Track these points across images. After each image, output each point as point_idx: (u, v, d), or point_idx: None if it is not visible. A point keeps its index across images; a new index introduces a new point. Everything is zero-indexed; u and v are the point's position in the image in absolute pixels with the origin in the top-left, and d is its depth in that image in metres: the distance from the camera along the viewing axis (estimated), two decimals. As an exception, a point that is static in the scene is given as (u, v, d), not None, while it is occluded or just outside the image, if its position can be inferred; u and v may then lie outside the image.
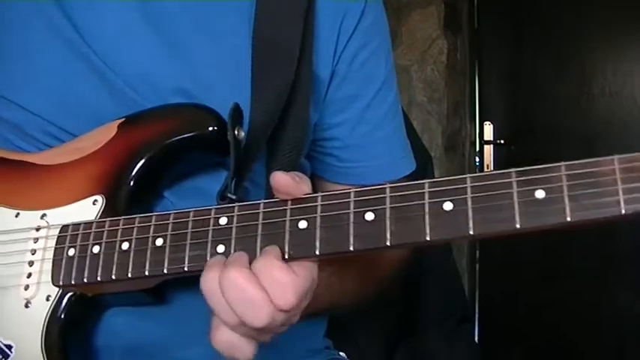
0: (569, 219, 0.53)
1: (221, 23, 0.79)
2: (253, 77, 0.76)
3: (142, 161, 0.71)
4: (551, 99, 2.99)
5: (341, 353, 1.02)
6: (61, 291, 0.68)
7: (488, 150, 3.12)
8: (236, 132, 0.71)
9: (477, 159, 3.14)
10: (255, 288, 0.57)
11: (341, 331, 1.03)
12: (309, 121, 0.80)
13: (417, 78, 2.81)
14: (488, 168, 3.12)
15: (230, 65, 0.77)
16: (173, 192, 0.77)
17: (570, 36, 2.93)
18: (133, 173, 0.71)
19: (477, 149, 3.14)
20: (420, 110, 2.81)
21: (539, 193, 0.54)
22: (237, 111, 0.71)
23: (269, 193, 0.72)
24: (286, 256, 0.60)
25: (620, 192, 0.52)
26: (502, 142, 3.10)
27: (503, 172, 0.55)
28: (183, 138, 0.72)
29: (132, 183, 0.71)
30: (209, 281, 0.59)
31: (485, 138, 3.11)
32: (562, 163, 0.54)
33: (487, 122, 3.11)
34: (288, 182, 0.60)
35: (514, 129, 3.09)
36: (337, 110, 0.84)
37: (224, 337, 0.60)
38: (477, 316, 2.95)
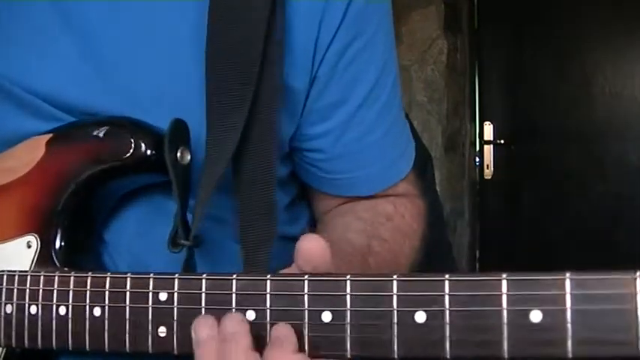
0: (570, 355, 0.43)
1: (164, 32, 0.66)
2: (207, 94, 0.64)
3: (73, 194, 0.63)
4: (551, 99, 2.99)
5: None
6: (5, 350, 0.63)
7: (488, 150, 3.12)
8: (179, 154, 0.61)
9: (477, 159, 3.14)
10: None
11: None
12: (278, 141, 0.68)
13: (417, 78, 2.81)
14: (488, 168, 3.12)
15: (177, 82, 0.66)
16: (121, 210, 0.68)
17: (570, 36, 2.93)
18: (66, 209, 0.63)
19: (477, 149, 3.14)
20: (420, 110, 2.81)
21: (535, 316, 0.43)
22: (178, 128, 0.61)
23: (243, 231, 0.64)
24: None
25: None
26: (502, 142, 3.09)
27: (492, 280, 0.45)
28: (113, 165, 0.62)
29: (66, 219, 0.63)
30: None
31: (485, 138, 3.11)
32: (567, 275, 0.43)
33: (487, 122, 3.11)
34: (318, 252, 0.51)
35: (514, 129, 3.09)
36: (318, 119, 0.73)
37: None
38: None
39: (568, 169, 2.97)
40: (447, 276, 0.46)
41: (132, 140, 0.61)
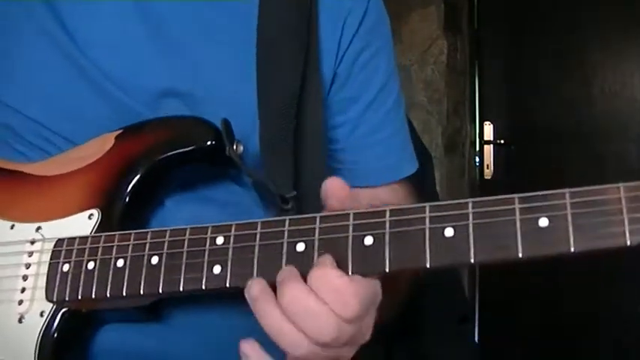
0: (572, 249, 0.52)
1: (222, 24, 0.77)
2: (259, 80, 0.75)
3: (138, 176, 0.70)
4: (551, 99, 2.99)
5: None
6: (54, 307, 0.67)
7: (488, 150, 3.12)
8: (234, 147, 0.70)
9: (477, 159, 3.14)
10: (316, 300, 0.54)
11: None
12: (323, 122, 0.79)
13: (417, 78, 2.82)
14: (488, 168, 3.12)
15: (234, 68, 0.76)
16: (174, 200, 0.75)
17: (570, 36, 2.93)
18: (129, 188, 0.70)
19: (477, 149, 3.14)
20: (420, 110, 2.81)
21: (543, 221, 0.53)
22: (228, 126, 0.70)
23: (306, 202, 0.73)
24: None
25: (626, 222, 0.51)
26: (502, 142, 3.09)
27: (506, 198, 0.54)
28: (178, 153, 0.70)
29: (128, 198, 0.70)
30: (268, 315, 0.56)
31: (485, 138, 3.11)
32: (566, 190, 0.53)
33: (487, 122, 3.11)
34: (341, 188, 0.59)
35: (514, 129, 3.09)
36: (337, 111, 0.83)
37: None
38: (477, 316, 2.95)
39: (568, 169, 2.97)
40: (470, 200, 0.55)
41: (197, 133, 0.71)
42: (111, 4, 0.76)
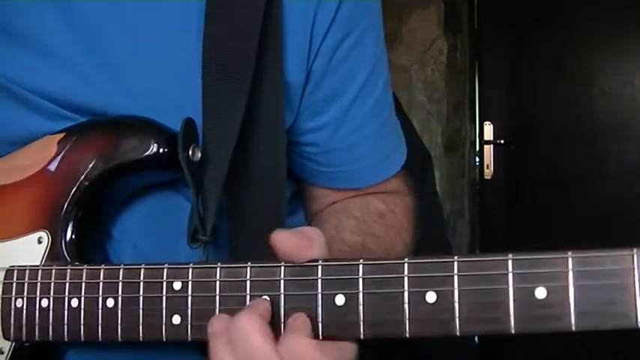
0: (573, 328, 0.45)
1: (167, 31, 0.67)
2: (204, 94, 0.66)
3: (84, 190, 0.64)
4: (551, 99, 2.99)
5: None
6: (14, 344, 0.63)
7: (488, 150, 3.12)
8: (190, 152, 0.63)
9: (477, 159, 3.14)
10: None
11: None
12: (281, 135, 0.70)
13: (417, 78, 2.81)
14: (488, 168, 3.12)
15: (179, 81, 0.67)
16: (120, 227, 0.69)
17: (570, 36, 2.93)
18: (78, 205, 0.64)
19: (477, 149, 3.14)
20: (420, 110, 2.81)
21: (540, 292, 0.46)
22: (189, 127, 0.63)
23: (238, 227, 0.66)
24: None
25: (638, 301, 0.43)
26: (502, 142, 3.09)
27: (498, 260, 0.47)
28: (126, 162, 0.63)
29: (77, 215, 0.64)
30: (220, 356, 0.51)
31: (485, 138, 3.11)
32: (569, 254, 0.46)
33: (487, 122, 3.11)
34: (287, 245, 0.52)
35: (514, 129, 3.09)
36: (314, 113, 0.74)
37: None
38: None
39: (568, 169, 2.97)
40: (455, 257, 0.48)
41: (146, 138, 0.63)
42: (33, 17, 0.67)
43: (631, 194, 2.91)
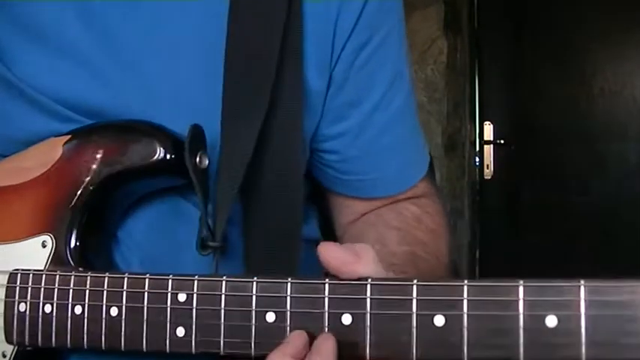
0: (584, 358, 0.44)
1: (184, 33, 0.67)
2: (224, 98, 0.65)
3: (90, 195, 0.63)
4: (551, 99, 2.99)
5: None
6: (16, 348, 0.63)
7: (488, 150, 3.12)
8: (197, 160, 0.62)
9: (477, 159, 3.14)
10: None
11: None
12: (299, 144, 0.69)
13: (417, 78, 2.81)
14: (488, 168, 3.12)
15: (194, 84, 0.66)
16: (126, 231, 0.68)
17: (570, 36, 2.93)
18: (83, 209, 0.64)
19: (477, 149, 3.14)
20: (420, 110, 2.80)
21: (551, 321, 0.45)
22: (197, 133, 0.62)
23: (249, 234, 0.66)
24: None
25: None
26: (502, 142, 3.09)
27: (509, 286, 0.46)
28: (133, 168, 0.63)
29: (82, 220, 0.64)
30: None
31: (485, 138, 3.11)
32: (581, 282, 0.45)
33: (487, 122, 3.11)
34: (333, 259, 0.51)
35: (514, 129, 3.09)
36: (336, 119, 0.73)
37: None
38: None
39: (568, 169, 2.97)
40: (465, 281, 0.48)
41: (153, 144, 0.62)
42: (51, 13, 0.67)
43: (631, 194, 2.91)
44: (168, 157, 0.62)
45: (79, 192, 0.64)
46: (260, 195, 0.67)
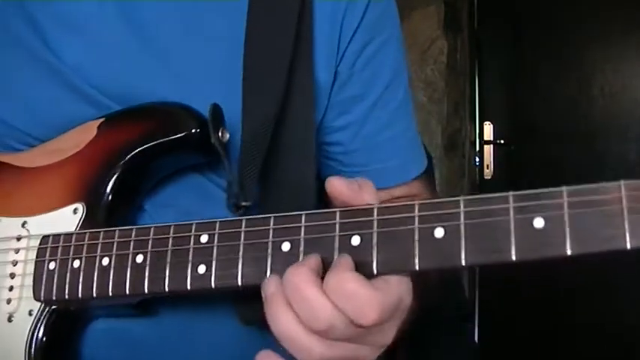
0: (569, 252, 0.49)
1: (209, 27, 0.75)
2: (244, 84, 0.73)
3: (121, 168, 0.69)
4: (551, 99, 2.99)
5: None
6: (43, 306, 0.66)
7: (488, 150, 3.12)
8: (220, 134, 0.69)
9: (477, 159, 3.14)
10: (332, 308, 0.51)
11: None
12: (312, 129, 0.76)
13: (417, 78, 2.81)
14: (488, 168, 3.12)
15: (218, 71, 0.74)
16: (153, 203, 0.74)
17: (570, 36, 2.93)
18: (113, 179, 0.69)
19: (477, 149, 3.14)
20: (420, 110, 2.81)
21: (538, 222, 0.49)
22: (217, 112, 0.69)
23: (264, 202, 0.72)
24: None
25: (627, 224, 0.47)
26: (502, 142, 3.10)
27: (500, 196, 0.51)
28: (162, 142, 0.69)
29: (112, 190, 0.69)
30: (282, 320, 0.52)
31: (485, 138, 3.11)
32: (564, 188, 0.50)
33: (487, 122, 3.11)
34: (343, 190, 0.56)
35: (514, 129, 3.09)
36: (340, 112, 0.80)
37: None
38: (476, 316, 2.95)
39: (568, 169, 2.97)
40: (461, 196, 0.53)
41: (180, 121, 0.70)
42: (91, 7, 0.74)
43: (631, 194, 2.90)
44: (194, 131, 0.69)
45: (110, 165, 0.69)
46: (274, 188, 0.74)
